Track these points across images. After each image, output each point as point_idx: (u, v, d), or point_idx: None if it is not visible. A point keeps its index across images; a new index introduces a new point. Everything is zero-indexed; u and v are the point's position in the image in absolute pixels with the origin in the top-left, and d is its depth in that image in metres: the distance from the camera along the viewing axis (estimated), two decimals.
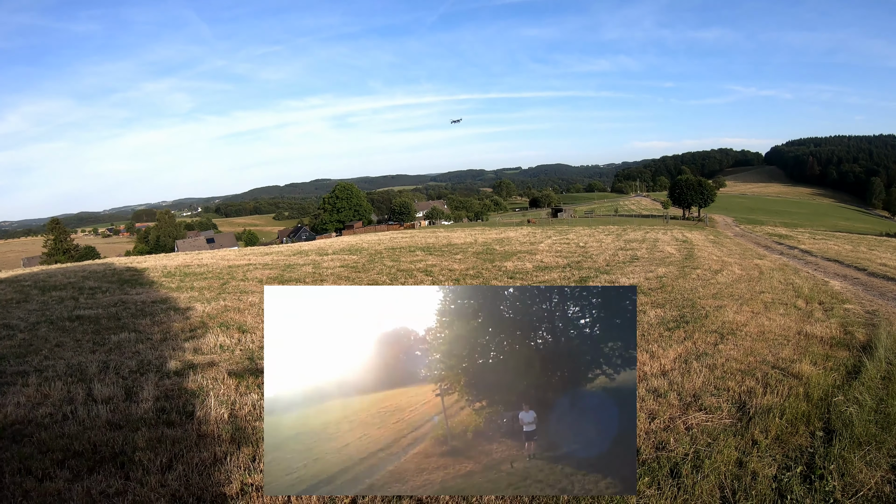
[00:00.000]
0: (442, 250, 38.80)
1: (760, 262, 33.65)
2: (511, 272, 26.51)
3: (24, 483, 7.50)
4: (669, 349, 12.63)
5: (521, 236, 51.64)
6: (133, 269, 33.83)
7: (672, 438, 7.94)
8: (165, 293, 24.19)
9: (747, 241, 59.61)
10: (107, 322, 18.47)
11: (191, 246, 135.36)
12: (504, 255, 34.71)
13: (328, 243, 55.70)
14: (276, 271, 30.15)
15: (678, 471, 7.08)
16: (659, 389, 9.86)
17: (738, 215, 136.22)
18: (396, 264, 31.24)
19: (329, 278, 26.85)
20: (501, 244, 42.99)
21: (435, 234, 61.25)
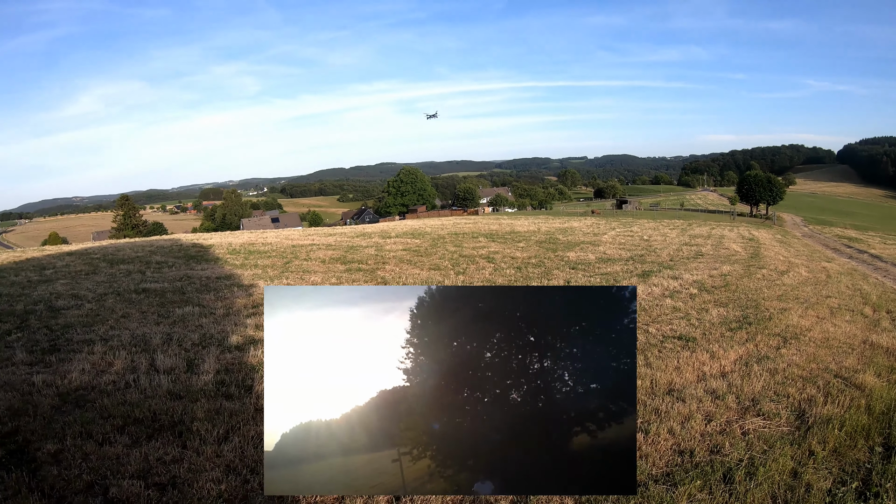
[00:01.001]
0: (505, 237, 38.59)
1: (828, 265, 32.83)
2: (573, 262, 26.26)
3: (85, 446, 7.68)
4: (730, 350, 12.34)
5: (585, 227, 51.10)
6: (199, 246, 34.28)
7: (727, 443, 7.75)
8: (230, 270, 24.47)
9: (815, 242, 58.31)
10: (172, 296, 18.77)
11: (256, 225, 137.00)
12: (567, 244, 34.41)
13: (391, 226, 55.75)
14: (338, 252, 30.26)
15: (731, 476, 6.91)
16: (717, 391, 9.64)
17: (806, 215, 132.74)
18: (459, 249, 31.14)
19: (391, 261, 26.88)
20: (565, 234, 42.58)
21: (498, 220, 60.94)
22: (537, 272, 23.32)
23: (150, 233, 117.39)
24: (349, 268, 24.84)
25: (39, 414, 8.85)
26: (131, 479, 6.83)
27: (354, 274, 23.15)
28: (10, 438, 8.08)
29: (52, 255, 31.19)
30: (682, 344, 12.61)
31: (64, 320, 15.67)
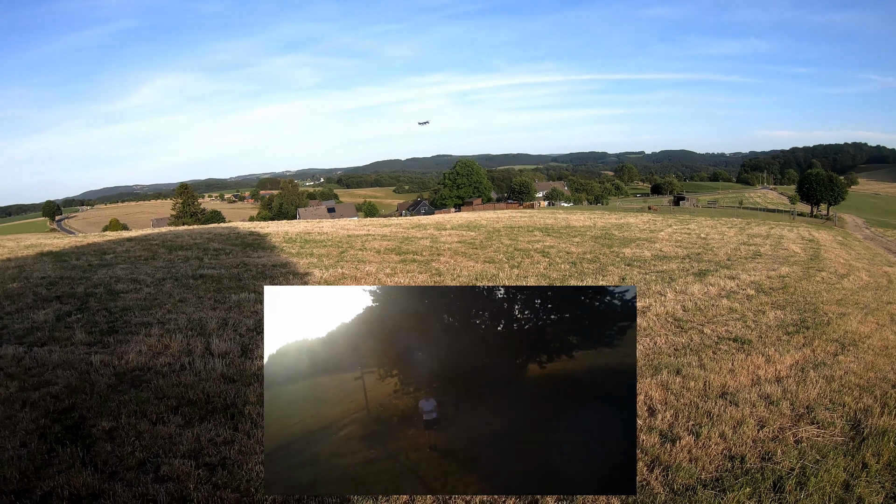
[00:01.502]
0: (560, 232, 38.30)
1: (890, 269, 31.90)
2: (629, 259, 25.95)
3: (139, 425, 7.82)
4: (787, 354, 11.97)
5: (641, 223, 50.42)
6: (256, 234, 34.61)
7: (780, 450, 7.51)
8: (286, 258, 24.67)
9: (877, 245, 56.90)
10: (228, 282, 18.97)
11: (312, 214, 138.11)
12: (623, 241, 34.03)
13: (447, 218, 55.69)
14: (393, 243, 30.33)
15: (781, 485, 6.69)
16: (772, 396, 9.31)
17: (869, 216, 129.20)
18: (514, 243, 31.00)
19: (446, 253, 26.84)
20: (621, 230, 42.08)
21: (554, 215, 60.52)
22: (592, 268, 23.10)
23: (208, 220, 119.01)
24: (404, 259, 24.86)
25: (96, 392, 9.03)
26: (182, 458, 6.92)
27: (409, 265, 23.16)
28: (67, 415, 8.27)
29: (112, 240, 31.75)
30: (737, 346, 12.31)
31: (123, 303, 15.93)
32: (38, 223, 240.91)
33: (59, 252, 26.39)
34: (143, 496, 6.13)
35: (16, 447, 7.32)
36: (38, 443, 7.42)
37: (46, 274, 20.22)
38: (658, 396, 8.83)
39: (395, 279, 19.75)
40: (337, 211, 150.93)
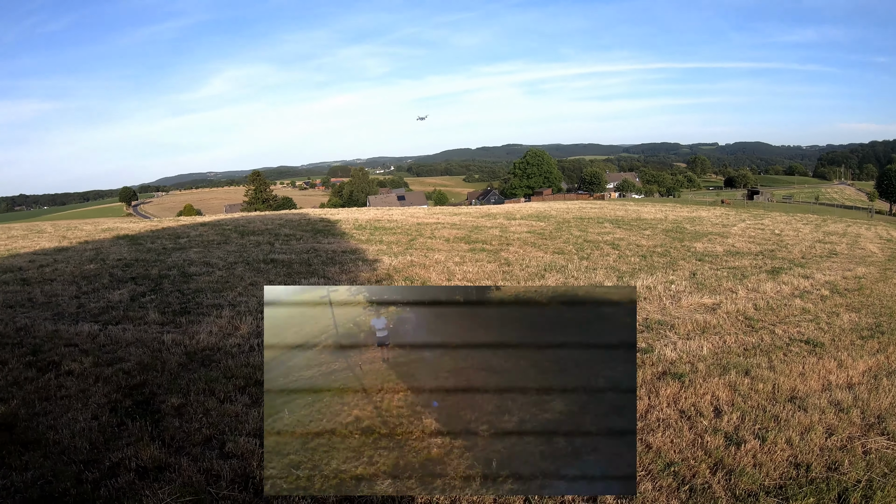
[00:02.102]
0: (630, 224, 37.81)
1: None
2: (700, 254, 25.42)
3: (207, 402, 7.96)
4: (860, 360, 11.42)
5: (714, 217, 49.38)
6: (326, 220, 34.91)
7: (847, 460, 7.15)
8: (355, 244, 24.83)
9: None
10: (298, 267, 19.19)
11: (382, 202, 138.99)
12: (694, 235, 33.37)
13: (516, 208, 55.38)
14: (463, 232, 30.29)
15: (846, 498, 6.33)
16: (842, 403, 8.83)
17: None
18: (583, 234, 30.68)
19: (515, 243, 26.71)
20: (692, 223, 41.33)
21: (624, 206, 59.75)
22: (662, 262, 22.71)
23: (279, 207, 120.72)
24: (473, 248, 24.82)
25: (167, 370, 9.23)
26: (248, 436, 6.98)
27: (478, 254, 23.11)
28: (138, 390, 8.47)
29: (186, 225, 32.39)
30: (808, 349, 11.86)
31: (195, 285, 16.25)
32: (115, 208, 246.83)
33: (134, 235, 27.01)
34: (207, 471, 6.20)
35: (87, 419, 7.51)
36: (108, 416, 7.61)
37: (122, 256, 20.72)
38: (725, 397, 8.60)
39: (463, 268, 19.71)
40: (407, 199, 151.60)
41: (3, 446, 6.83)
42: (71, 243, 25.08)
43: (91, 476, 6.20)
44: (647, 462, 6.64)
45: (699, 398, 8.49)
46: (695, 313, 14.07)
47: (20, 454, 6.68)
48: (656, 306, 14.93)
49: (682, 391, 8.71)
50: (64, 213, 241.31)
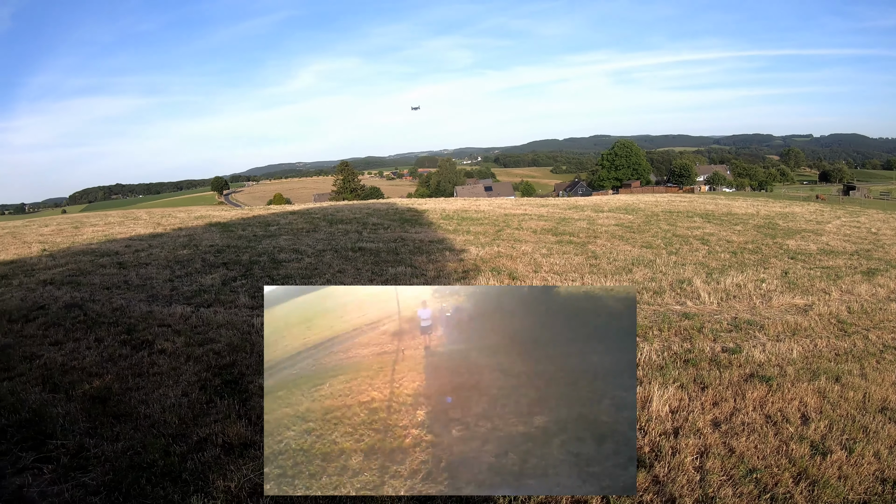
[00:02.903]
0: (721, 219, 36.93)
1: None
2: (793, 252, 24.59)
3: None
4: None
5: (808, 213, 47.72)
6: (413, 210, 35.15)
7: None
8: (442, 234, 24.91)
9: None
10: (386, 255, 19.35)
11: (469, 192, 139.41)
12: (787, 231, 32.35)
13: (604, 200, 54.75)
14: (550, 223, 30.11)
15: None
16: None
17: None
18: (672, 228, 30.14)
19: (602, 236, 26.42)
20: (785, 219, 40.06)
21: (715, 200, 58.36)
22: (753, 259, 22.09)
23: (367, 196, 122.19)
24: (560, 240, 24.65)
25: (255, 352, 9.41)
26: None
27: (565, 246, 22.95)
28: (227, 370, 8.72)
29: (276, 213, 33.03)
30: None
31: (284, 271, 16.55)
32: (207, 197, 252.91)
33: (226, 223, 27.66)
34: None
35: (177, 395, 7.80)
36: (198, 393, 7.88)
37: (214, 242, 21.25)
38: (813, 404, 8.29)
39: (550, 259, 19.58)
40: (494, 190, 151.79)
41: (96, 418, 7.16)
42: (165, 230, 25.83)
43: (178, 449, 6.43)
44: (729, 467, 6.48)
45: (786, 403, 8.22)
46: (785, 314, 13.64)
47: (112, 426, 6.97)
48: (746, 305, 14.55)
49: (770, 395, 8.45)
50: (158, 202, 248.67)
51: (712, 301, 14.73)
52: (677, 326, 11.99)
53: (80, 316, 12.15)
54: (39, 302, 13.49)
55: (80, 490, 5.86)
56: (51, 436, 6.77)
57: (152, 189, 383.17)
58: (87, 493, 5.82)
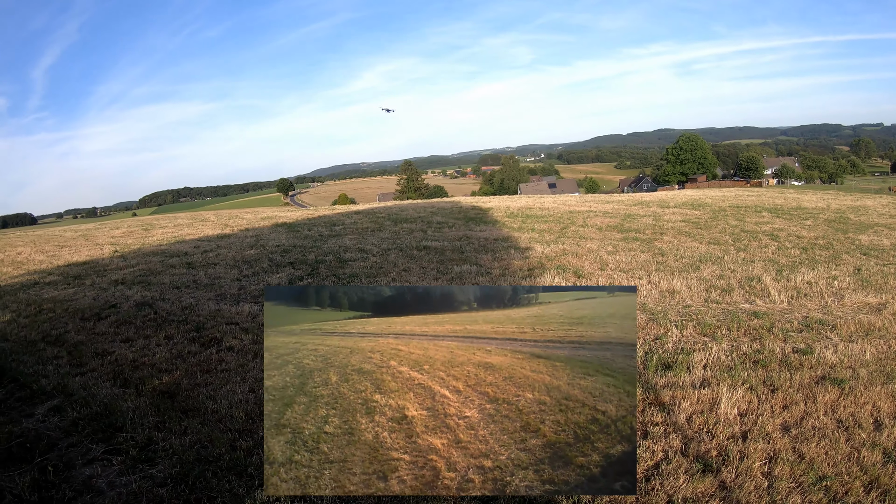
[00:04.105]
0: (790, 213, 36.14)
1: None
2: (865, 247, 23.85)
3: None
4: None
5: (881, 206, 46.28)
6: (478, 208, 35.18)
7: None
8: (507, 232, 24.89)
9: None
10: (451, 254, 19.37)
11: (533, 190, 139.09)
12: (859, 226, 31.49)
13: (670, 196, 54.00)
14: (615, 220, 29.85)
15: None
16: None
17: None
18: (740, 224, 29.60)
19: (669, 232, 26.08)
20: (857, 213, 38.97)
21: (783, 194, 57.08)
22: (824, 255, 21.49)
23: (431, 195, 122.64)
24: (626, 236, 24.41)
25: None
26: None
27: (631, 243, 22.71)
28: None
29: (341, 213, 33.41)
30: None
31: (350, 270, 16.70)
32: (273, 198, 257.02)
33: (291, 223, 28.04)
34: None
35: (244, 392, 7.95)
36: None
37: (280, 242, 21.56)
38: (887, 409, 8.00)
39: (615, 257, 19.39)
40: (558, 186, 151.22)
41: (165, 412, 7.36)
42: (232, 230, 26.29)
43: (244, 444, 6.56)
44: (798, 474, 6.34)
45: (859, 408, 7.96)
46: (858, 313, 13.24)
47: (180, 420, 7.17)
48: (817, 304, 14.18)
49: (842, 399, 8.20)
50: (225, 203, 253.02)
51: (782, 299, 14.41)
52: (746, 326, 11.76)
53: (151, 314, 12.45)
54: (111, 301, 13.87)
55: (148, 481, 6.02)
56: (120, 429, 6.99)
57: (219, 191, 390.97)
58: (154, 484, 5.98)
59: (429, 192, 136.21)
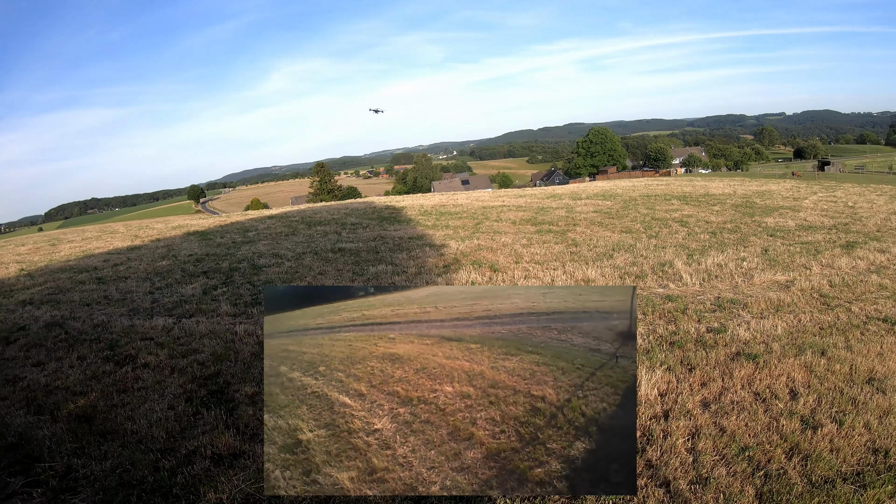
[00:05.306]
0: (699, 200, 37.13)
1: None
2: (771, 229, 24.70)
3: None
4: None
5: (784, 190, 47.95)
6: (391, 208, 35.21)
7: None
8: (421, 230, 24.95)
9: None
10: (366, 255, 19.36)
11: (446, 187, 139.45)
12: (765, 209, 32.50)
13: (581, 188, 55.03)
14: (529, 213, 30.19)
15: None
16: None
17: None
18: (651, 212, 30.27)
19: (581, 223, 26.51)
20: (762, 197, 40.29)
21: (692, 182, 58.62)
22: (733, 238, 22.18)
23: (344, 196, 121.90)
24: (540, 229, 24.70)
25: (240, 360, 9.45)
26: None
27: (545, 235, 23.00)
28: (212, 380, 8.71)
29: (254, 218, 33.03)
30: (886, 327, 11.32)
31: (265, 276, 16.54)
32: (184, 206, 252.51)
33: (204, 231, 27.62)
34: None
35: (164, 409, 7.77)
36: (184, 406, 7.86)
37: (193, 252, 21.20)
38: (801, 379, 8.35)
39: (530, 250, 19.62)
40: (471, 183, 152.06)
41: (83, 437, 7.12)
42: (143, 242, 25.75)
43: (168, 464, 6.41)
44: (721, 447, 6.56)
45: (774, 380, 8.33)
46: (768, 291, 13.76)
47: (99, 444, 6.94)
48: (728, 285, 14.67)
49: (757, 372, 8.56)
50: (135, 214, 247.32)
51: (694, 282, 14.84)
52: (661, 309, 12.09)
53: (62, 335, 12.10)
54: (20, 323, 13.42)
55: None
56: (38, 459, 6.74)
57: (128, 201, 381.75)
58: None
59: (342, 194, 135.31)
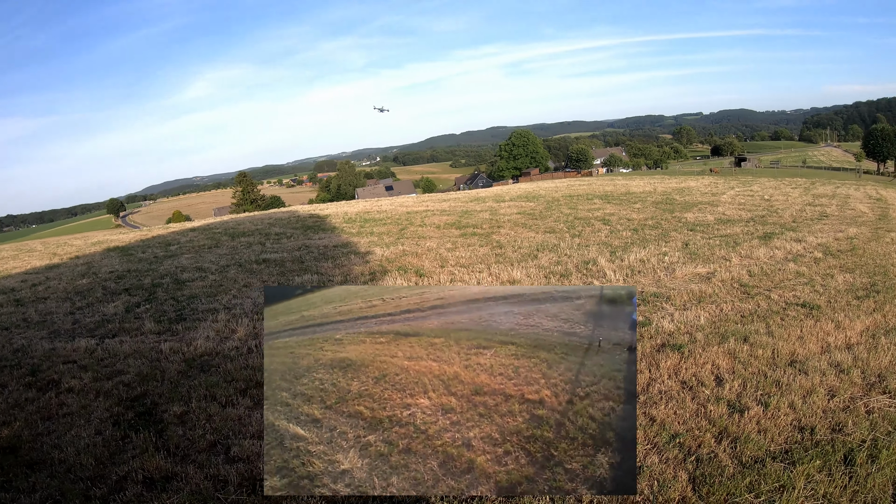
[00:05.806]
0: (620, 199, 37.82)
1: None
2: (691, 224, 25.39)
3: (209, 408, 8.02)
4: (857, 320, 11.28)
5: (703, 186, 49.26)
6: (316, 216, 34.99)
7: (850, 421, 7.06)
8: (346, 238, 24.89)
9: None
10: (291, 265, 19.22)
11: (370, 193, 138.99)
12: (684, 205, 33.36)
13: (505, 190, 55.45)
14: (453, 217, 30.32)
15: (852, 458, 6.29)
16: (842, 364, 8.80)
17: None
18: (574, 212, 30.71)
19: (506, 225, 26.74)
20: (682, 194, 41.27)
21: (613, 181, 59.69)
22: (654, 234, 22.71)
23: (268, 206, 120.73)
24: (464, 232, 24.85)
25: (167, 379, 9.27)
26: (252, 438, 7.04)
27: (469, 238, 23.14)
28: (139, 402, 8.51)
29: (176, 231, 32.46)
30: (805, 312, 11.81)
31: (189, 291, 16.26)
32: (104, 220, 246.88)
33: (125, 246, 27.03)
34: (214, 477, 6.25)
35: (91, 435, 7.55)
36: (112, 430, 7.65)
37: (114, 268, 20.74)
38: (725, 365, 8.62)
39: (455, 253, 19.72)
40: (395, 189, 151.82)
41: (9, 469, 6.88)
42: (62, 259, 25.09)
43: (98, 492, 6.24)
44: (652, 435, 6.68)
45: (699, 368, 8.56)
46: (690, 283, 14.12)
47: (26, 476, 6.73)
48: (651, 279, 15.00)
49: (682, 362, 8.78)
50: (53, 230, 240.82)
51: (618, 278, 15.16)
52: None
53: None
54: None
55: None
56: None
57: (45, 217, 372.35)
58: None
59: (266, 204, 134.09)
